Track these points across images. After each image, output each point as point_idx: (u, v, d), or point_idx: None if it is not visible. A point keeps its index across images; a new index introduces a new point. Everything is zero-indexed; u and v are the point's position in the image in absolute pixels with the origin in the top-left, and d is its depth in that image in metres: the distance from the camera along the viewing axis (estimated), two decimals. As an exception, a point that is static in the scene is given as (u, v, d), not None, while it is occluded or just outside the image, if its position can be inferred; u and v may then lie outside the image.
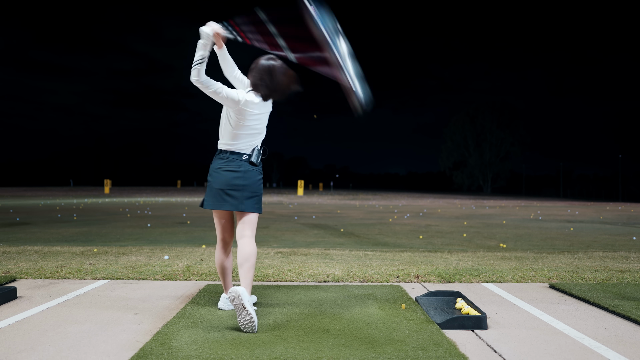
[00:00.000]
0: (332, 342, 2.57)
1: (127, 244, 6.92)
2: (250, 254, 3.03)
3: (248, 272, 2.99)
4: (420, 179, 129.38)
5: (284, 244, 7.18)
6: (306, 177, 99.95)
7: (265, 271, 4.54)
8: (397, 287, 3.97)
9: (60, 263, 4.92)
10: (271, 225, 10.95)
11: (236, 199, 3.04)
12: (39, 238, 7.87)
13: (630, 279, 4.41)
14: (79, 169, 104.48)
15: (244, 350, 2.44)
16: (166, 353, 2.38)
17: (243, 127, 3.04)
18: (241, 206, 3.05)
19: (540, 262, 5.34)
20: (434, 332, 2.76)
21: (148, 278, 4.28)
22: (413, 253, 6.01)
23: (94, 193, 37.81)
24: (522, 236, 9.21)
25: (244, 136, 3.06)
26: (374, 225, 11.50)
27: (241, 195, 3.04)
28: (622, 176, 57.15)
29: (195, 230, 9.47)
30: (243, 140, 3.07)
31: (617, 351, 2.51)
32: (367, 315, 3.11)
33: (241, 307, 2.72)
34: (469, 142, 71.81)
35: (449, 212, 18.24)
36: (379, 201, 28.76)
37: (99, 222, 11.28)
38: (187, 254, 5.58)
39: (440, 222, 12.87)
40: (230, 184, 3.03)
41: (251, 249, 3.05)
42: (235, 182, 3.02)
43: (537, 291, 3.96)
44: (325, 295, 3.69)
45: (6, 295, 3.39)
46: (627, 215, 18.57)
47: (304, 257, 5.45)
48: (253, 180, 3.08)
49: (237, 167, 3.05)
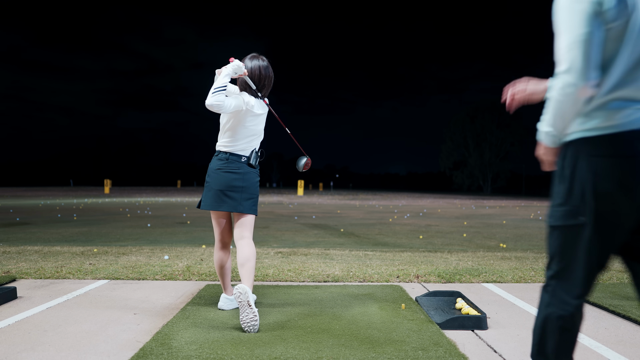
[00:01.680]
0: (332, 342, 2.57)
1: (127, 244, 6.92)
2: (250, 255, 3.03)
3: (249, 272, 2.99)
4: (420, 179, 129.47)
5: (284, 244, 7.18)
6: (306, 177, 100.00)
7: (265, 271, 4.54)
8: (397, 287, 3.97)
9: (60, 263, 4.92)
10: (271, 225, 10.95)
11: (235, 200, 3.05)
12: (39, 238, 7.87)
13: (630, 279, 4.40)
14: (79, 169, 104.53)
15: (244, 350, 2.44)
16: (166, 353, 2.39)
17: (244, 128, 3.06)
18: (240, 207, 3.06)
19: (540, 262, 5.34)
20: (434, 332, 2.76)
21: (148, 278, 4.28)
22: (413, 253, 6.00)
23: (94, 193, 37.81)
24: (522, 236, 9.21)
25: (244, 138, 3.08)
26: (374, 225, 11.50)
27: (240, 196, 3.05)
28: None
29: (195, 230, 9.47)
30: (242, 141, 3.08)
31: (617, 351, 2.51)
32: (367, 315, 3.11)
33: (246, 304, 2.73)
34: (469, 142, 71.75)
35: (449, 212, 18.24)
36: (379, 201, 28.76)
37: (99, 222, 11.28)
38: (187, 254, 5.58)
39: (440, 222, 12.87)
40: (229, 185, 3.04)
41: (251, 250, 3.05)
42: (234, 184, 3.04)
43: (537, 291, 3.94)
44: (325, 295, 3.69)
45: (6, 295, 3.39)
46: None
47: (304, 257, 5.45)
48: (252, 182, 3.10)
49: (237, 168, 3.06)
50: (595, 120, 1.55)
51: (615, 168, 1.51)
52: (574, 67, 1.51)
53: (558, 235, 1.64)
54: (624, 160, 1.51)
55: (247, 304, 2.73)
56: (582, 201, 1.56)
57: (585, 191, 1.55)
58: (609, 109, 1.54)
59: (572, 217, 1.59)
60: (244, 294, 2.74)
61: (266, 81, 3.14)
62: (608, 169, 1.52)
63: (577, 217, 1.58)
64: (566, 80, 1.52)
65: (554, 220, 1.65)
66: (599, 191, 1.53)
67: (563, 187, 1.62)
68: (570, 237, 1.60)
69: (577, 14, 1.50)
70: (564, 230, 1.62)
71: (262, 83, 3.13)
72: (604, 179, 1.52)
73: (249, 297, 2.74)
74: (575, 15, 1.50)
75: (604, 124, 1.54)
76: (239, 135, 3.07)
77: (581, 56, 1.49)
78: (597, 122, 1.55)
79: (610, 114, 1.53)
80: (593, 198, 1.53)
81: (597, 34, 1.49)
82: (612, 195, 1.52)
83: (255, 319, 2.72)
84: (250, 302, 2.74)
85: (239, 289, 2.76)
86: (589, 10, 1.48)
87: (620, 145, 1.51)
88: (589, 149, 1.56)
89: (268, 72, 3.15)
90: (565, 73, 1.52)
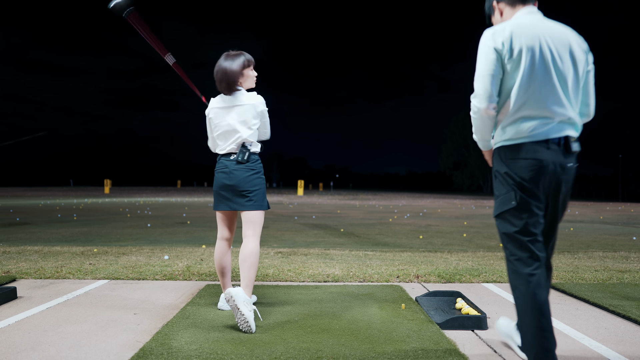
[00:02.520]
0: (332, 342, 2.57)
1: (127, 244, 6.92)
2: (249, 253, 3.02)
3: (247, 271, 2.98)
4: (420, 179, 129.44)
5: (284, 244, 7.17)
6: (306, 177, 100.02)
7: (265, 271, 4.54)
8: (397, 287, 3.97)
9: (60, 263, 4.92)
10: (271, 225, 10.94)
11: (228, 199, 3.12)
12: (39, 238, 7.87)
13: (630, 279, 4.41)
14: (79, 169, 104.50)
15: (244, 350, 2.44)
16: (166, 353, 2.38)
17: (215, 127, 3.16)
18: (234, 205, 3.11)
19: (540, 262, 5.33)
20: (434, 332, 2.76)
21: (148, 278, 4.28)
22: (413, 253, 6.00)
23: (94, 193, 37.80)
24: (522, 236, 9.19)
25: (221, 136, 3.14)
26: (374, 225, 11.50)
27: (231, 195, 3.10)
28: (622, 176, 57.11)
29: (195, 230, 9.46)
30: (223, 141, 3.15)
31: (617, 351, 2.51)
32: (367, 315, 3.11)
33: (235, 308, 2.74)
34: (469, 142, 71.73)
35: (449, 212, 18.24)
36: (379, 201, 28.75)
37: (99, 222, 11.28)
38: (187, 254, 5.58)
39: (440, 222, 12.86)
40: (221, 185, 3.13)
41: (251, 248, 3.04)
42: (224, 183, 3.11)
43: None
44: (325, 295, 3.68)
45: (6, 295, 3.39)
46: (627, 215, 18.57)
47: (304, 257, 5.45)
48: (240, 178, 3.07)
49: (224, 167, 3.13)
50: (509, 133, 2.13)
51: (525, 167, 2.08)
52: (479, 94, 2.13)
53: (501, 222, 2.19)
54: (530, 162, 2.08)
55: (236, 307, 2.73)
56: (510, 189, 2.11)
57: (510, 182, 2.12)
58: (517, 124, 2.11)
59: (507, 203, 2.13)
60: (231, 299, 2.75)
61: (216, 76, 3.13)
62: (521, 168, 2.09)
63: (509, 202, 2.12)
64: (474, 103, 2.16)
65: (495, 211, 2.21)
66: (518, 182, 2.09)
67: (497, 182, 2.20)
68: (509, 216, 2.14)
69: (484, 55, 2.12)
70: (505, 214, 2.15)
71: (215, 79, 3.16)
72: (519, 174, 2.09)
73: (236, 302, 2.74)
74: (483, 56, 2.12)
75: (515, 135, 2.11)
76: (217, 136, 3.16)
77: (484, 86, 2.11)
78: (510, 134, 2.13)
79: (518, 128, 2.10)
80: (516, 187, 2.10)
81: (496, 71, 2.10)
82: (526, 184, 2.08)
83: (246, 321, 2.71)
84: (239, 305, 2.72)
85: (227, 294, 2.78)
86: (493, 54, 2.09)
87: (527, 152, 2.08)
88: (507, 154, 2.14)
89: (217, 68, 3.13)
90: (474, 98, 2.16)
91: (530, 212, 2.08)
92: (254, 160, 3.12)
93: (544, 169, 2.06)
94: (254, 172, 3.11)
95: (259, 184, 3.11)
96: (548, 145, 2.06)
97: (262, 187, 3.14)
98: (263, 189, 3.15)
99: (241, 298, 2.77)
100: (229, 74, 3.09)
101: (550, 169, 2.06)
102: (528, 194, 2.07)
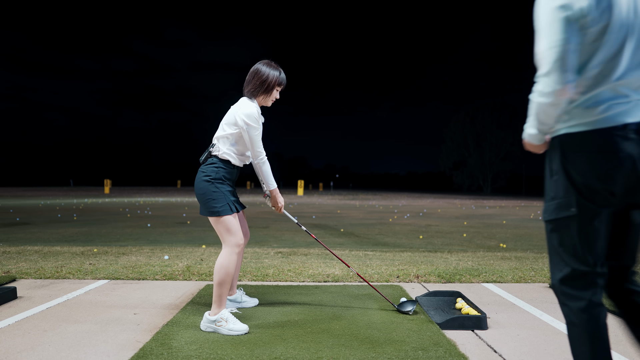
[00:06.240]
0: (332, 342, 2.57)
1: (127, 244, 6.92)
2: (216, 267, 2.86)
3: (214, 288, 2.85)
4: (420, 179, 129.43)
5: (284, 244, 7.17)
6: (306, 177, 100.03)
7: (265, 271, 4.54)
8: (397, 287, 3.97)
9: (60, 263, 4.92)
10: (271, 225, 10.94)
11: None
12: (39, 238, 7.87)
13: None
14: (79, 169, 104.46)
15: (244, 350, 2.44)
16: (166, 353, 2.39)
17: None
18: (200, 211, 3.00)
19: (540, 262, 5.34)
20: (434, 332, 2.76)
21: (148, 278, 4.28)
22: (413, 253, 6.00)
23: (94, 193, 37.79)
24: (522, 236, 9.21)
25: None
26: (374, 225, 11.50)
27: (198, 201, 2.98)
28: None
29: (195, 230, 9.46)
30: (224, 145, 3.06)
31: (617, 351, 2.51)
32: (367, 315, 3.11)
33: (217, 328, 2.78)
34: (469, 142, 71.74)
35: (449, 212, 18.24)
36: (379, 201, 28.75)
37: (99, 222, 11.28)
38: (187, 254, 5.58)
39: (440, 222, 12.86)
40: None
41: (218, 261, 2.87)
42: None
43: (537, 291, 3.96)
44: (325, 295, 3.69)
45: (6, 295, 3.39)
46: None
47: (304, 257, 5.45)
48: (197, 185, 2.96)
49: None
50: (576, 118, 1.61)
51: (595, 163, 1.57)
52: (552, 70, 1.56)
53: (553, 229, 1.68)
54: (602, 156, 1.56)
55: (214, 328, 2.78)
56: (569, 193, 1.62)
57: (571, 183, 1.61)
58: (588, 107, 1.59)
59: (564, 209, 1.63)
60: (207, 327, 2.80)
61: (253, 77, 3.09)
62: (589, 164, 1.58)
63: (569, 209, 1.62)
64: (545, 82, 1.58)
65: (547, 215, 1.70)
66: (581, 183, 1.59)
67: (552, 181, 1.68)
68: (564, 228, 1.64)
69: (556, 21, 1.54)
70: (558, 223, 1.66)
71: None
72: (586, 172, 1.58)
73: (208, 327, 2.79)
74: (554, 22, 1.55)
75: (584, 120, 1.59)
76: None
77: (559, 60, 1.54)
78: (578, 119, 1.60)
79: (589, 111, 1.58)
80: (576, 190, 1.60)
81: (573, 39, 1.53)
82: (593, 187, 1.58)
83: (233, 333, 2.73)
84: (219, 330, 2.76)
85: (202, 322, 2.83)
86: (568, 17, 1.52)
87: (599, 142, 1.57)
88: (572, 145, 1.61)
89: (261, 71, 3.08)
90: (545, 76, 1.58)
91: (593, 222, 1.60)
92: (209, 164, 2.96)
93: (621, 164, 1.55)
94: (204, 175, 2.93)
95: (203, 187, 2.91)
96: (626, 132, 1.55)
97: (207, 191, 2.89)
98: (210, 194, 2.89)
99: (203, 326, 2.81)
100: (263, 77, 3.03)
101: (628, 165, 1.54)
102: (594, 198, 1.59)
